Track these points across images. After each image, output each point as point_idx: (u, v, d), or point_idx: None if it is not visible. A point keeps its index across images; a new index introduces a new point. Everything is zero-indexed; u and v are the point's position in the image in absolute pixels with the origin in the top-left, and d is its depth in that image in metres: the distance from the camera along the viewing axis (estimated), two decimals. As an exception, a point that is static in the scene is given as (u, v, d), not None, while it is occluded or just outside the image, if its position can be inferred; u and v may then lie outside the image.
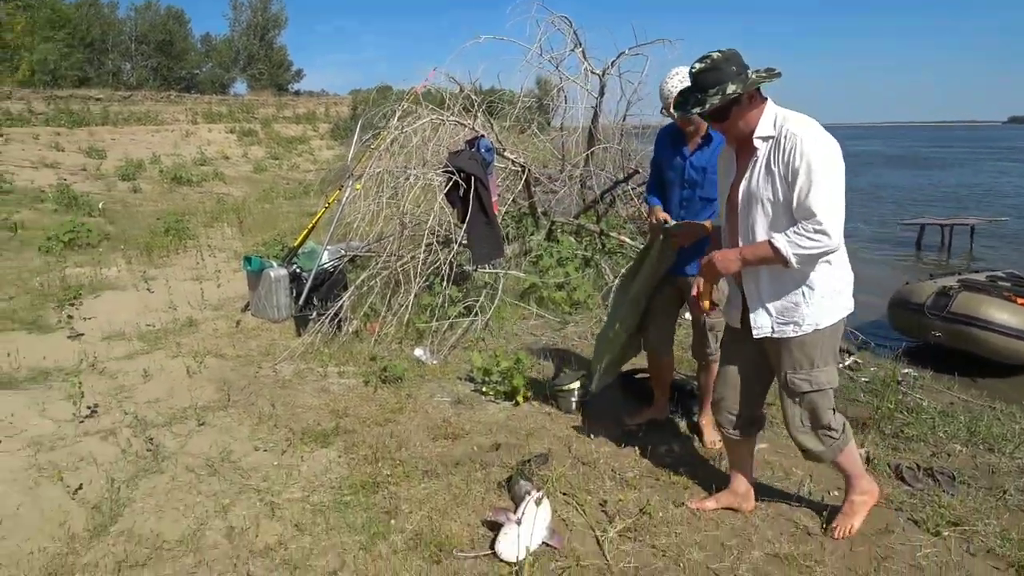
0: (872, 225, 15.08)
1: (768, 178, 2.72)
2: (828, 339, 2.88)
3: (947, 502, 3.41)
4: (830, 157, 2.62)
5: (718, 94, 2.68)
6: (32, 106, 26.20)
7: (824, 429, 2.97)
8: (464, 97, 7.24)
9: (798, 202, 2.62)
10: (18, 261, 8.42)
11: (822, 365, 2.88)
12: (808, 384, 2.88)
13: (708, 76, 2.72)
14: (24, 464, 3.65)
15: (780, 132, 2.69)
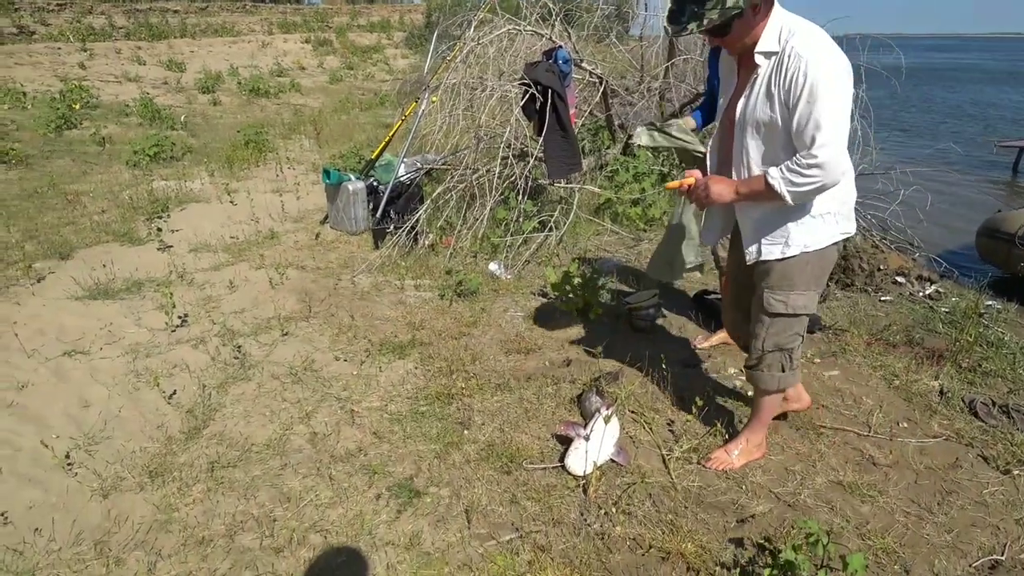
0: (965, 145, 14.27)
1: (767, 100, 2.49)
2: (815, 263, 2.70)
3: (1020, 440, 3.34)
4: (837, 83, 2.35)
5: (716, 7, 2.40)
6: (113, 20, 26.57)
7: (784, 353, 2.85)
8: (541, 5, 7.10)
9: (797, 130, 2.40)
10: (108, 175, 8.73)
11: (803, 289, 2.73)
12: (784, 306, 2.75)
13: None
14: (124, 370, 3.90)
15: (784, 49, 2.41)
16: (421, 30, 34.38)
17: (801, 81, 2.35)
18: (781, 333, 2.81)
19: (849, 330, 4.61)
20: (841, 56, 2.41)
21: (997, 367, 4.11)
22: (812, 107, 2.33)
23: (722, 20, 2.42)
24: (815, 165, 2.36)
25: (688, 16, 2.45)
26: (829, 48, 2.39)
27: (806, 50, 2.36)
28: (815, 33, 2.43)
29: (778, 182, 2.46)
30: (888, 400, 3.72)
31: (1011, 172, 13.36)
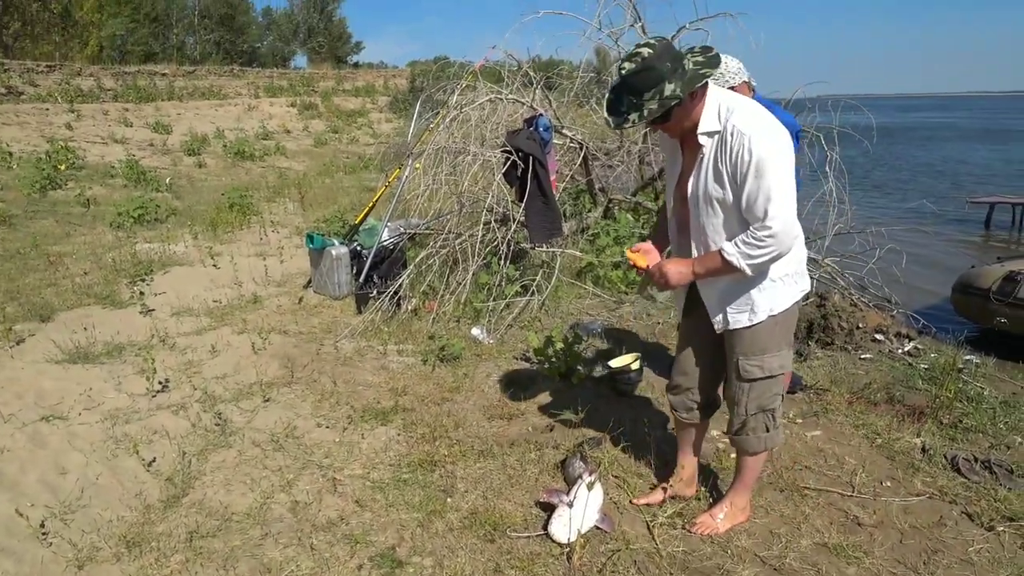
0: (938, 202, 14.62)
1: (717, 177, 2.55)
2: (781, 324, 2.77)
3: (1003, 496, 3.36)
4: (780, 156, 2.45)
5: (655, 97, 2.44)
6: (101, 82, 26.90)
7: (767, 413, 2.87)
8: (523, 74, 7.26)
9: (747, 204, 2.47)
10: (91, 236, 8.75)
11: (775, 350, 2.78)
12: (759, 370, 2.78)
13: (642, 78, 2.44)
14: (102, 436, 3.86)
15: (726, 127, 2.49)
16: (405, 95, 34.95)
17: (747, 158, 2.43)
18: (762, 396, 2.84)
19: (830, 389, 4.64)
20: (779, 128, 2.51)
21: (978, 422, 4.15)
22: (760, 181, 2.42)
23: (662, 110, 2.46)
24: (769, 236, 2.44)
25: (627, 107, 2.51)
26: (768, 122, 2.50)
27: (747, 127, 2.45)
28: (752, 109, 2.53)
29: (735, 257, 2.52)
30: (871, 459, 3.73)
31: (983, 227, 13.65)
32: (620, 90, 2.53)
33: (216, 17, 53.18)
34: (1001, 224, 13.76)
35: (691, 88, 2.47)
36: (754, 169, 2.42)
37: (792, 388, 4.57)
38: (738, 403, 2.87)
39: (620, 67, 2.52)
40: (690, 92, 2.48)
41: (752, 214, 2.48)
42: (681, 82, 2.44)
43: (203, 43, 52.56)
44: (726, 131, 2.49)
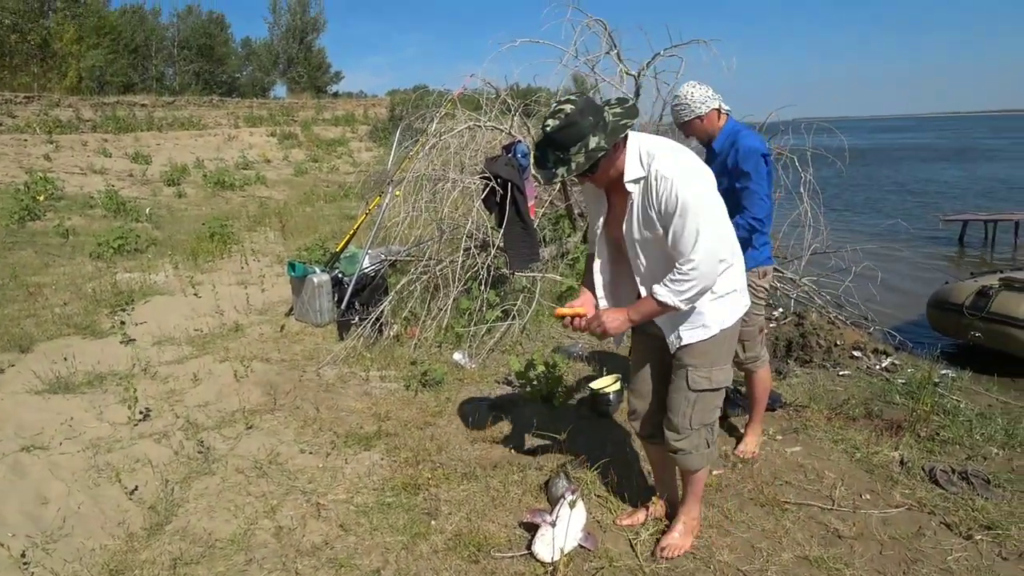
0: (913, 222, 14.84)
1: (647, 221, 2.66)
2: (730, 338, 2.89)
3: (981, 505, 3.42)
4: (703, 196, 2.57)
5: (581, 151, 2.55)
6: (80, 113, 26.90)
7: (707, 428, 2.92)
8: (501, 101, 7.35)
9: (673, 242, 2.58)
10: (71, 267, 8.72)
11: (722, 364, 2.88)
12: (708, 382, 2.85)
13: (566, 133, 2.55)
14: (84, 465, 3.84)
15: (650, 173, 2.60)
16: (385, 123, 35.13)
17: (673, 201, 2.53)
18: (705, 409, 2.90)
19: (809, 406, 4.70)
20: (700, 167, 2.65)
21: (954, 435, 4.23)
22: (685, 221, 2.53)
23: (589, 163, 2.56)
24: (694, 270, 2.56)
25: (554, 161, 2.60)
26: (688, 164, 2.61)
27: (670, 171, 2.55)
28: (671, 152, 2.63)
29: (667, 296, 2.63)
30: (850, 473, 3.79)
31: (957, 244, 13.87)
32: (546, 145, 2.63)
33: (195, 48, 53.23)
34: (975, 241, 13.99)
35: (614, 139, 2.57)
36: (679, 211, 2.53)
37: (771, 405, 4.62)
38: (682, 415, 2.89)
39: (544, 124, 2.61)
40: (614, 143, 2.58)
41: (677, 251, 2.58)
42: (604, 134, 2.55)
43: (182, 74, 52.59)
44: (651, 176, 2.60)
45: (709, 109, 3.87)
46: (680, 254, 2.58)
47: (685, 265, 2.57)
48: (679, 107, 3.93)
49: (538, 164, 2.70)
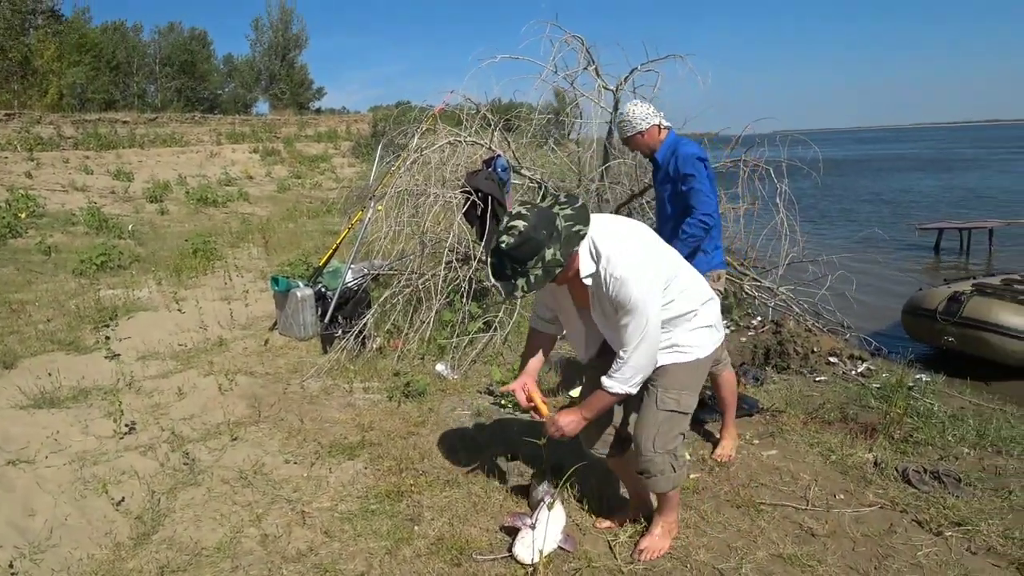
0: (891, 231, 15.09)
1: (605, 308, 2.80)
2: (702, 367, 3.00)
3: (951, 503, 3.52)
4: (649, 294, 2.69)
5: (538, 264, 2.64)
6: (61, 130, 26.72)
7: (670, 453, 2.97)
8: (481, 116, 7.45)
9: (620, 330, 2.75)
10: (53, 284, 8.72)
11: (691, 390, 2.98)
12: (676, 403, 2.93)
13: (522, 250, 2.63)
14: (70, 478, 3.87)
15: (600, 270, 2.72)
16: (367, 139, 35.16)
17: (624, 300, 2.68)
18: (669, 432, 2.95)
19: (786, 411, 4.80)
20: (648, 259, 2.76)
21: (927, 436, 4.34)
22: (632, 319, 2.70)
23: (548, 276, 2.67)
24: (636, 360, 2.75)
25: (512, 272, 2.70)
26: (636, 261, 2.71)
27: (618, 270, 2.67)
28: (618, 243, 2.74)
29: (616, 387, 2.81)
30: (825, 474, 3.88)
31: (933, 252, 14.09)
32: (501, 257, 2.70)
33: (177, 64, 53.22)
34: (950, 249, 14.21)
35: (570, 250, 2.67)
36: (628, 309, 2.69)
37: (749, 411, 4.74)
38: (647, 437, 2.95)
39: (499, 240, 2.68)
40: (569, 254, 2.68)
41: (621, 342, 2.77)
42: (559, 245, 2.65)
43: (164, 91, 52.52)
44: (601, 272, 2.72)
45: (650, 125, 4.20)
46: (623, 345, 2.76)
47: (627, 356, 2.75)
48: (623, 124, 4.28)
49: (495, 274, 2.77)
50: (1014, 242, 14.57)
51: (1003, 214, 17.05)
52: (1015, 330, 6.26)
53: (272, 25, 59.59)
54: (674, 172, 4.12)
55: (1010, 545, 3.17)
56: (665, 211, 4.31)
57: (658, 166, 4.27)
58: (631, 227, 2.89)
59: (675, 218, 4.20)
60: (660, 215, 4.41)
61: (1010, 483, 3.77)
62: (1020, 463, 4.05)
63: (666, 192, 4.25)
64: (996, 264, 12.42)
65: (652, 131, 4.22)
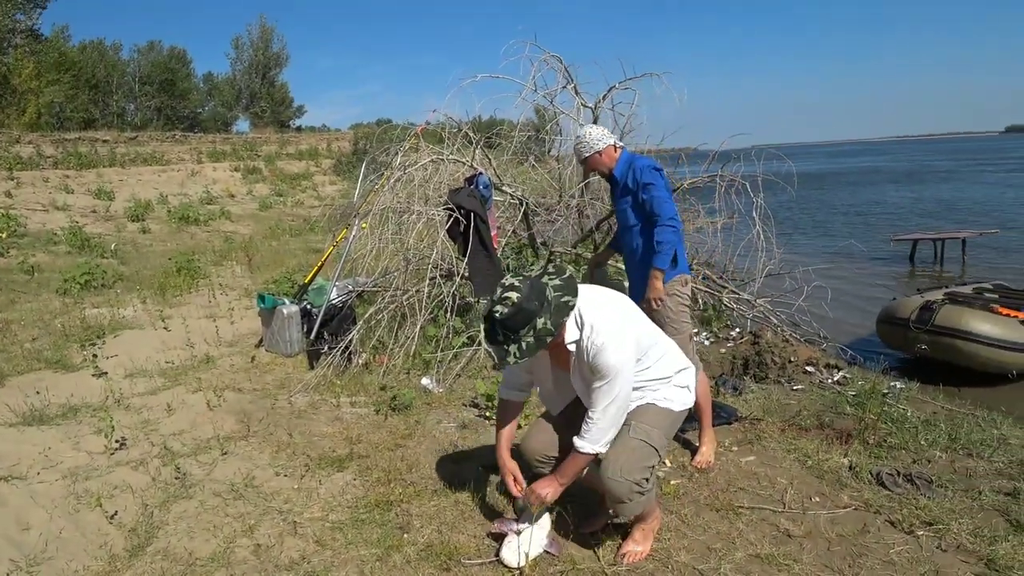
0: (866, 242, 15.38)
1: (584, 373, 3.01)
2: (674, 419, 3.18)
3: (923, 504, 3.65)
4: (625, 365, 2.91)
5: (530, 332, 2.83)
6: (41, 149, 26.62)
7: (637, 484, 3.01)
8: (463, 134, 7.58)
9: (593, 393, 2.95)
10: (37, 303, 8.73)
11: (663, 433, 3.12)
12: (647, 436, 3.05)
13: (515, 320, 2.83)
14: (63, 493, 3.91)
15: (583, 336, 2.92)
16: (349, 157, 35.32)
17: (601, 365, 2.89)
18: (636, 462, 3.02)
19: (764, 419, 4.93)
20: (627, 330, 2.97)
21: (901, 441, 4.48)
22: (606, 382, 2.90)
23: (539, 345, 2.85)
24: (605, 418, 2.93)
25: (504, 339, 2.88)
26: (615, 329, 2.93)
27: (599, 338, 2.89)
28: (601, 317, 2.95)
29: (589, 447, 2.98)
30: (801, 478, 4.01)
31: (908, 263, 14.36)
32: (495, 324, 2.89)
33: (156, 83, 53.16)
34: (924, 259, 14.50)
35: (560, 319, 2.87)
36: (603, 375, 2.90)
37: (727, 419, 4.86)
38: (614, 461, 3.02)
39: (493, 310, 2.88)
40: (559, 324, 2.87)
41: (592, 404, 2.96)
42: (549, 315, 2.85)
43: (143, 109, 52.47)
44: (584, 340, 2.93)
45: (605, 145, 4.41)
46: (594, 406, 2.95)
47: (597, 417, 2.94)
48: (580, 146, 4.49)
49: (488, 339, 2.97)
50: (987, 252, 14.89)
51: (974, 224, 17.43)
52: (985, 337, 6.45)
53: (252, 44, 59.76)
54: (633, 184, 4.30)
55: (979, 542, 3.30)
56: (627, 222, 4.43)
57: (615, 182, 4.46)
58: (612, 297, 3.11)
59: (640, 227, 4.35)
60: (622, 228, 4.55)
61: (980, 484, 3.91)
62: (990, 465, 4.20)
63: (627, 204, 4.40)
64: (970, 273, 12.68)
65: (608, 150, 4.43)
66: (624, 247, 4.57)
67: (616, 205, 4.55)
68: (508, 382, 3.44)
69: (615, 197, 4.54)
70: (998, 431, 4.69)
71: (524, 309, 2.82)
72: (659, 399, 3.12)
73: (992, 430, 4.71)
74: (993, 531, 3.39)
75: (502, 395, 3.46)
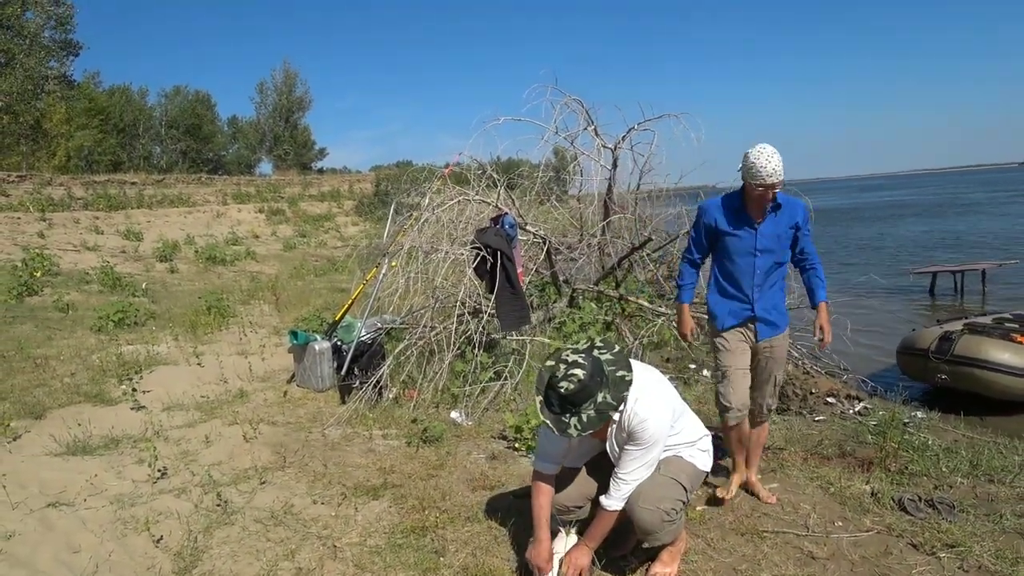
0: (888, 276, 15.44)
1: (623, 438, 3.19)
2: (696, 475, 3.34)
3: (945, 528, 3.76)
4: (662, 431, 3.13)
5: (591, 406, 3.00)
6: (71, 191, 27.24)
7: (666, 514, 3.13)
8: (487, 176, 7.80)
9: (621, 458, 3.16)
10: (73, 340, 8.98)
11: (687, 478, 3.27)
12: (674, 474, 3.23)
13: (579, 395, 2.99)
14: (110, 518, 4.08)
15: (627, 407, 3.11)
16: (371, 198, 35.76)
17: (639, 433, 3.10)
18: (660, 491, 3.17)
19: (786, 448, 5.03)
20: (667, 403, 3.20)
21: (922, 468, 4.58)
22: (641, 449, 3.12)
23: (601, 419, 3.01)
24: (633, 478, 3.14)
25: (561, 410, 3.04)
26: (659, 403, 3.16)
27: (642, 410, 3.10)
28: (645, 390, 3.16)
29: (615, 504, 3.17)
30: (824, 504, 4.11)
31: (928, 295, 14.38)
32: (558, 397, 3.04)
33: (183, 127, 54.32)
34: (945, 291, 14.52)
35: (620, 394, 3.05)
36: (640, 442, 3.11)
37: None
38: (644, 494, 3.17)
39: (559, 385, 3.02)
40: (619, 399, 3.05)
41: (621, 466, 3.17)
42: (609, 390, 3.04)
43: (169, 152, 53.53)
44: (627, 411, 3.12)
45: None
46: (624, 468, 3.15)
47: (627, 478, 3.14)
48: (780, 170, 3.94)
49: (547, 409, 3.10)
50: (1007, 283, 14.89)
51: (996, 255, 17.43)
52: (1005, 365, 6.52)
53: (276, 88, 60.87)
54: (792, 219, 4.10)
55: (1001, 563, 3.40)
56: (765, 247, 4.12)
57: (772, 208, 4.05)
58: (648, 368, 3.34)
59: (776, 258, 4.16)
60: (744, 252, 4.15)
61: (1002, 508, 4.01)
62: (1011, 490, 4.29)
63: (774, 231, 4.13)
64: (991, 304, 12.70)
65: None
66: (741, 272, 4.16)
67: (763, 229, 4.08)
68: (544, 454, 3.44)
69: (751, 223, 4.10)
70: (1020, 457, 4.78)
71: (588, 386, 2.99)
72: (684, 455, 3.31)
73: (1013, 456, 4.80)
74: (1015, 552, 3.49)
75: (536, 467, 3.49)
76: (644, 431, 3.07)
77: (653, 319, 7.82)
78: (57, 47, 37.50)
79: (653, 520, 3.11)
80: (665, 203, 9.94)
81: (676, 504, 3.17)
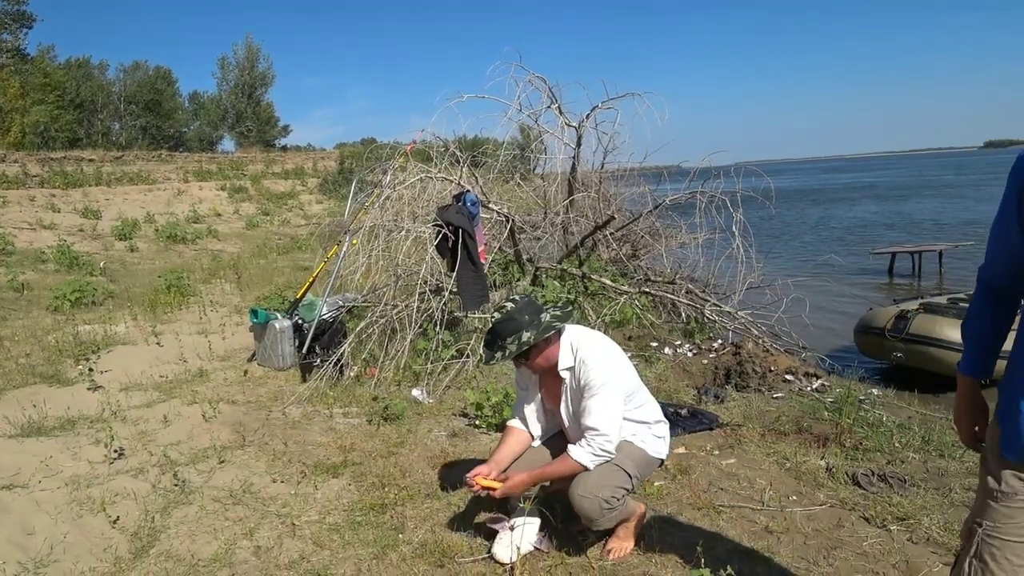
0: (847, 257, 15.73)
1: (576, 398, 3.23)
2: (647, 462, 3.32)
3: (896, 501, 3.84)
4: (614, 380, 3.13)
5: (515, 342, 3.13)
6: (27, 168, 26.64)
7: (605, 502, 3.09)
8: (450, 153, 7.76)
9: (586, 415, 3.11)
10: (28, 320, 8.82)
11: (634, 464, 3.22)
12: (618, 460, 3.16)
13: (506, 326, 3.16)
14: (66, 499, 4.01)
15: (577, 361, 3.19)
16: (334, 176, 35.47)
17: (592, 379, 3.12)
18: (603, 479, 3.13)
19: (744, 425, 5.11)
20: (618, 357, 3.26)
21: (876, 443, 4.68)
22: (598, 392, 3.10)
23: (518, 351, 3.14)
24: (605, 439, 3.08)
25: (495, 348, 3.21)
26: (607, 350, 3.25)
27: (590, 357, 3.17)
28: (594, 344, 3.25)
29: (581, 455, 3.10)
30: (780, 479, 4.18)
31: (888, 276, 14.66)
32: (492, 333, 3.24)
33: (142, 103, 53.20)
34: (904, 272, 14.81)
35: (543, 336, 3.16)
36: (595, 386, 3.11)
37: (710, 425, 5.04)
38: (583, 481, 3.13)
39: (492, 316, 3.26)
40: (543, 338, 3.16)
41: (588, 421, 3.11)
42: (535, 331, 3.15)
43: (129, 128, 52.42)
44: (577, 363, 3.20)
45: None
46: (586, 419, 3.11)
47: (596, 435, 3.08)
48: None
49: (487, 344, 3.29)
50: (964, 264, 15.20)
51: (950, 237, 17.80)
52: (958, 344, 6.63)
53: (239, 63, 59.78)
54: None
55: (949, 535, 3.47)
56: None
57: None
58: (607, 340, 3.38)
59: None
60: None
61: (951, 483, 4.11)
62: (961, 465, 4.40)
63: None
64: (948, 284, 12.96)
65: None
66: None
67: None
68: (515, 408, 3.63)
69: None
70: (969, 434, 4.87)
71: (515, 319, 3.15)
72: (636, 440, 3.30)
73: (963, 433, 4.89)
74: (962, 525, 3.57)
75: (509, 423, 3.61)
76: (594, 372, 3.11)
77: (616, 297, 7.87)
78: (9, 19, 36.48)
79: (592, 508, 3.10)
80: (629, 183, 10.00)
81: (617, 492, 3.14)
